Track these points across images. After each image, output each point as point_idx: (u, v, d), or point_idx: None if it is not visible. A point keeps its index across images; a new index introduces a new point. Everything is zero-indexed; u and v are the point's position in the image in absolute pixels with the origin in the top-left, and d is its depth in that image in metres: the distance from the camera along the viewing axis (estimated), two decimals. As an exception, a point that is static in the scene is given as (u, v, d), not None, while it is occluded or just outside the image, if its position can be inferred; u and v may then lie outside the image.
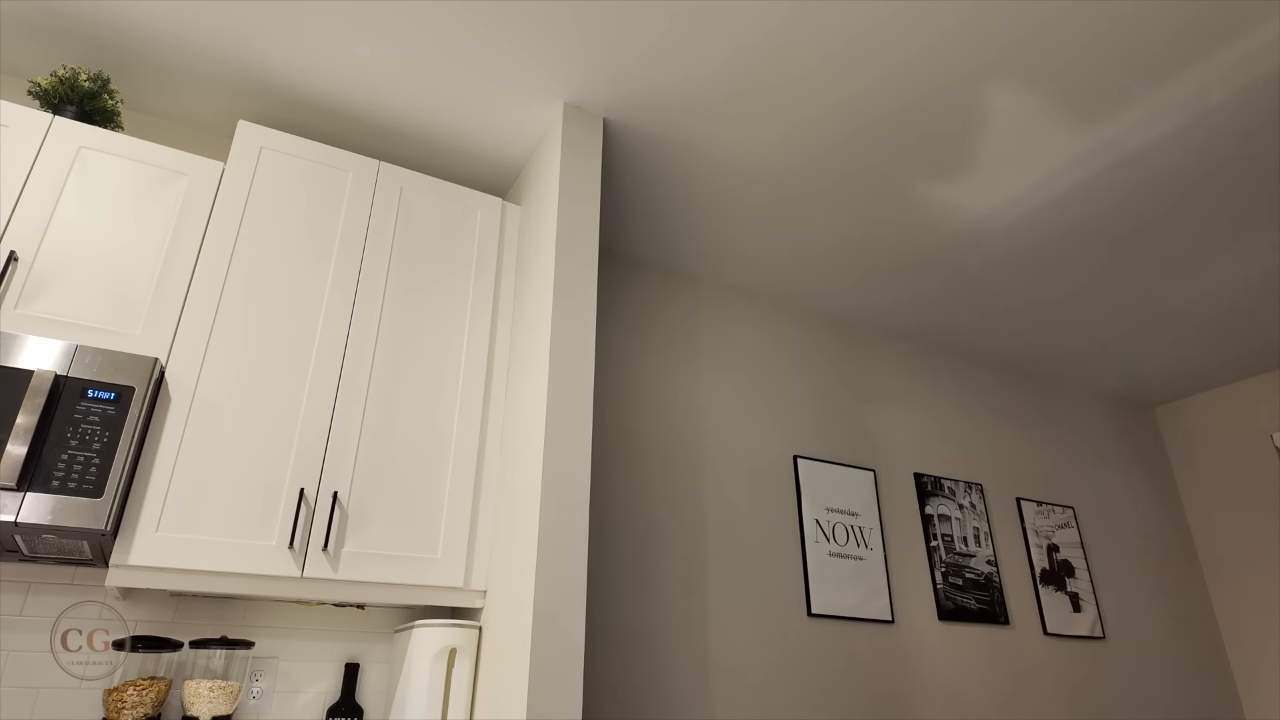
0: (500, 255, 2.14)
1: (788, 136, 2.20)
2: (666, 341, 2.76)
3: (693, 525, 2.51)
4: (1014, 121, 2.13)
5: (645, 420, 2.58)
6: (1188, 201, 2.45)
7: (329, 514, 1.68)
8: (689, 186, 2.43)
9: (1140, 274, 2.87)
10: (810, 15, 1.81)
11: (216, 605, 1.83)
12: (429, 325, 1.97)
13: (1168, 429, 4.03)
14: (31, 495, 1.38)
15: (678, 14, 1.81)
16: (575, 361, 1.82)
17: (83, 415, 1.47)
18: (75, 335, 1.59)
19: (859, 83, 2.00)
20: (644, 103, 2.09)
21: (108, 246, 1.70)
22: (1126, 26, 1.82)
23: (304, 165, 1.97)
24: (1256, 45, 1.87)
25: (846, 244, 2.73)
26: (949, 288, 3.00)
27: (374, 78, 2.04)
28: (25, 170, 1.67)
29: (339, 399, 1.79)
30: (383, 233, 2.00)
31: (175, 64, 2.01)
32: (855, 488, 2.88)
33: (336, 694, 1.88)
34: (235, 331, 1.74)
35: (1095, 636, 3.18)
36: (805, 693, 2.44)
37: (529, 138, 2.24)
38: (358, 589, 1.70)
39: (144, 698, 1.59)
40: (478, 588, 1.80)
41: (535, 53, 1.94)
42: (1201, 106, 2.06)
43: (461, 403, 1.94)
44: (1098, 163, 2.28)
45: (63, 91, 1.82)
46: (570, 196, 1.99)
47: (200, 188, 1.83)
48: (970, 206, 2.51)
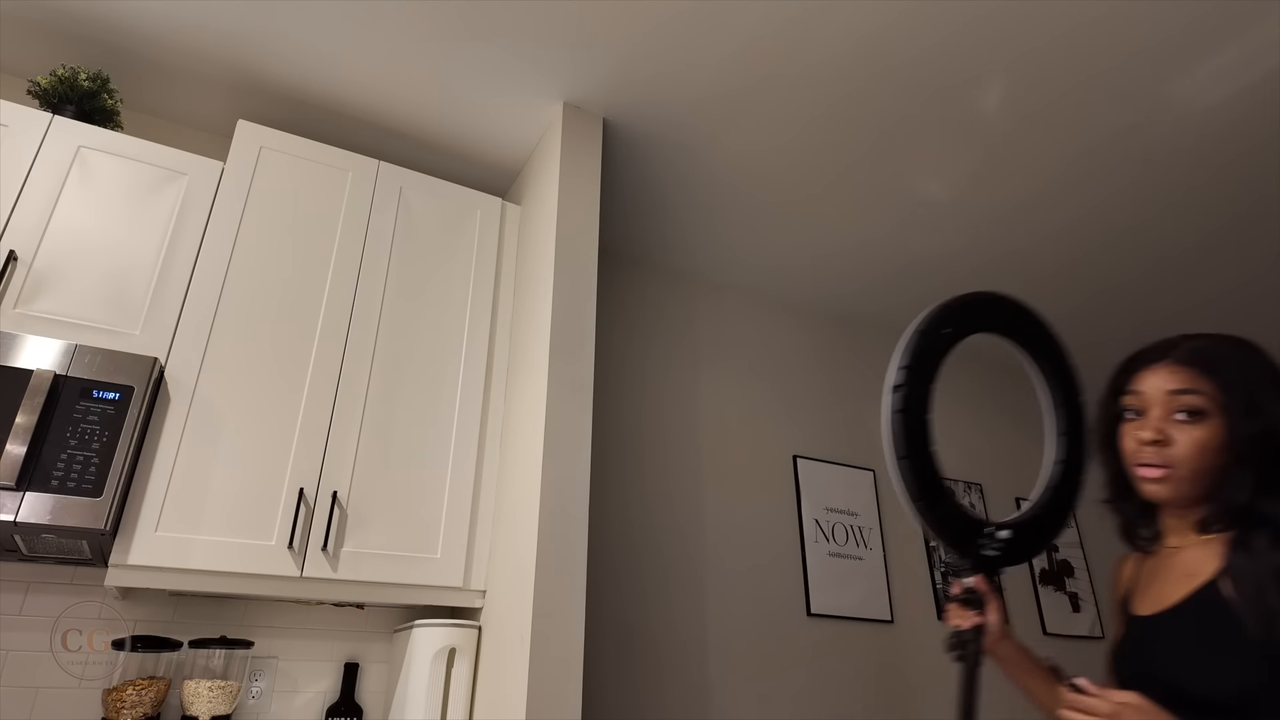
0: (500, 255, 2.14)
1: (788, 136, 2.20)
2: (666, 341, 2.76)
3: (692, 525, 2.51)
4: (1015, 122, 2.13)
5: (645, 420, 2.58)
6: (1188, 202, 2.45)
7: (328, 514, 1.68)
8: (689, 186, 2.43)
9: (1140, 275, 2.87)
10: (812, 15, 1.81)
11: (216, 605, 1.83)
12: (429, 325, 1.97)
13: (1167, 429, 4.02)
14: (31, 495, 1.38)
15: (678, 14, 1.81)
16: (575, 361, 1.82)
17: (82, 415, 1.47)
18: (74, 335, 1.59)
19: (859, 83, 2.00)
20: (644, 102, 2.09)
21: (107, 246, 1.69)
22: (1127, 26, 1.82)
23: (304, 165, 1.97)
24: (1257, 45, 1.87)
25: (846, 244, 2.73)
26: (949, 288, 2.98)
27: (374, 77, 2.03)
28: (25, 170, 1.67)
29: (338, 398, 1.79)
30: (382, 232, 1.99)
31: (175, 64, 2.01)
32: (855, 488, 2.88)
33: (336, 694, 1.88)
34: (235, 331, 1.74)
35: (1095, 636, 3.18)
36: (805, 692, 2.44)
37: (529, 137, 2.24)
38: (357, 589, 1.70)
39: (143, 697, 1.59)
40: (477, 587, 1.80)
41: (535, 52, 1.94)
42: (1201, 106, 2.06)
43: (461, 402, 1.94)
44: (1099, 164, 2.28)
45: (62, 91, 1.81)
46: (570, 196, 1.99)
47: (200, 187, 1.83)
48: (973, 208, 2.50)
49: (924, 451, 1.05)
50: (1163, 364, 1.02)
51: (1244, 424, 0.92)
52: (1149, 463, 0.98)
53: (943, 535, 1.06)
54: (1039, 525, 1.14)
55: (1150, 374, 1.02)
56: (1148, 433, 0.98)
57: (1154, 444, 0.97)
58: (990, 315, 1.22)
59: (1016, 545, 1.09)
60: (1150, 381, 1.01)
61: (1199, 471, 0.95)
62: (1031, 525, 1.13)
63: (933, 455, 1.06)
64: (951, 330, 1.13)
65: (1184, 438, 0.96)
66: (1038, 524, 1.14)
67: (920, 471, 1.05)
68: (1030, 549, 1.12)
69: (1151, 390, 1.01)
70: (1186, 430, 0.96)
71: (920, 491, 1.04)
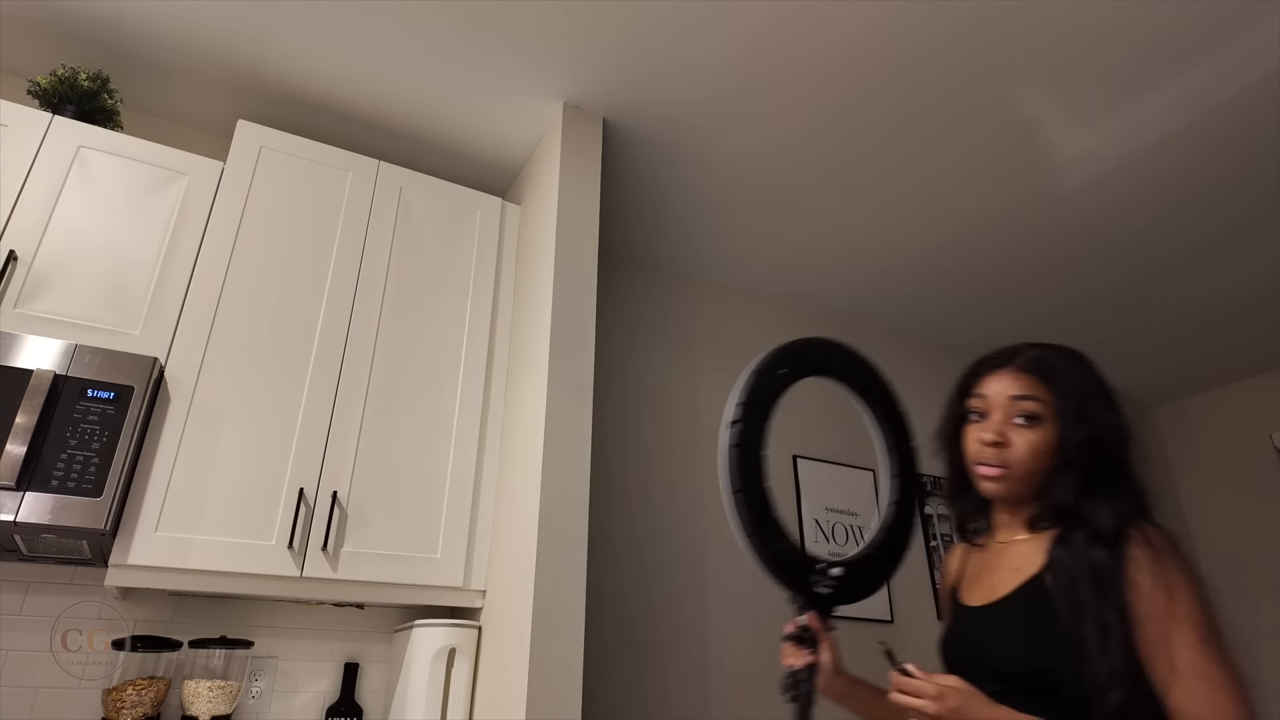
0: (500, 255, 2.14)
1: (788, 136, 2.20)
2: (666, 341, 2.76)
3: (692, 524, 2.50)
4: (1016, 122, 2.13)
5: (645, 420, 2.58)
6: (1188, 202, 2.45)
7: (328, 513, 1.68)
8: (689, 186, 2.43)
9: (1140, 274, 2.86)
10: (812, 14, 1.80)
11: (216, 605, 1.83)
12: (429, 325, 1.97)
13: (1168, 429, 4.03)
14: (31, 495, 1.38)
15: (678, 13, 1.81)
16: (575, 361, 1.82)
17: (82, 415, 1.47)
18: (74, 335, 1.59)
19: (859, 82, 2.00)
20: (644, 102, 2.09)
21: (107, 246, 1.69)
22: (1127, 26, 1.82)
23: (303, 165, 1.97)
24: (1257, 45, 1.87)
25: (846, 243, 2.73)
26: (949, 288, 3.00)
27: (373, 77, 2.03)
28: (25, 169, 1.67)
29: (338, 398, 1.79)
30: (382, 232, 1.99)
31: (175, 64, 2.01)
32: (855, 488, 2.88)
33: (336, 694, 1.88)
34: (235, 331, 1.74)
35: (1095, 636, 3.18)
36: (805, 693, 2.44)
37: (528, 137, 2.24)
38: (357, 589, 1.70)
39: (143, 697, 1.59)
40: (477, 587, 1.80)
41: (535, 52, 1.94)
42: (1202, 106, 2.06)
43: (461, 402, 1.94)
44: (1098, 164, 2.28)
45: (62, 91, 1.81)
46: (570, 196, 1.99)
47: (200, 187, 1.83)
48: (972, 207, 2.50)
49: (758, 487, 1.07)
50: (1006, 370, 1.07)
51: (1074, 430, 0.99)
52: (988, 462, 1.04)
53: (775, 572, 1.06)
54: (874, 563, 1.17)
55: (994, 379, 1.08)
56: (989, 434, 1.04)
57: (994, 445, 1.03)
58: (825, 360, 1.24)
59: (850, 583, 1.11)
60: (994, 386, 1.07)
61: (1032, 473, 1.01)
62: (866, 563, 1.15)
63: (767, 491, 1.08)
64: (787, 371, 1.17)
65: (1021, 440, 1.02)
66: (872, 562, 1.16)
67: (754, 506, 1.06)
68: (864, 587, 1.14)
69: (994, 394, 1.07)
70: (1024, 434, 1.02)
71: (755, 527, 1.05)
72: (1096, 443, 0.99)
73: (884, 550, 1.18)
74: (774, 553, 1.06)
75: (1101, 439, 0.99)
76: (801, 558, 1.09)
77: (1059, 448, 1.00)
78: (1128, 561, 0.91)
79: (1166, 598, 0.87)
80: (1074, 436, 0.99)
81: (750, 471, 1.08)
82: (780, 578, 1.07)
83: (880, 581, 1.17)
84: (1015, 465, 1.02)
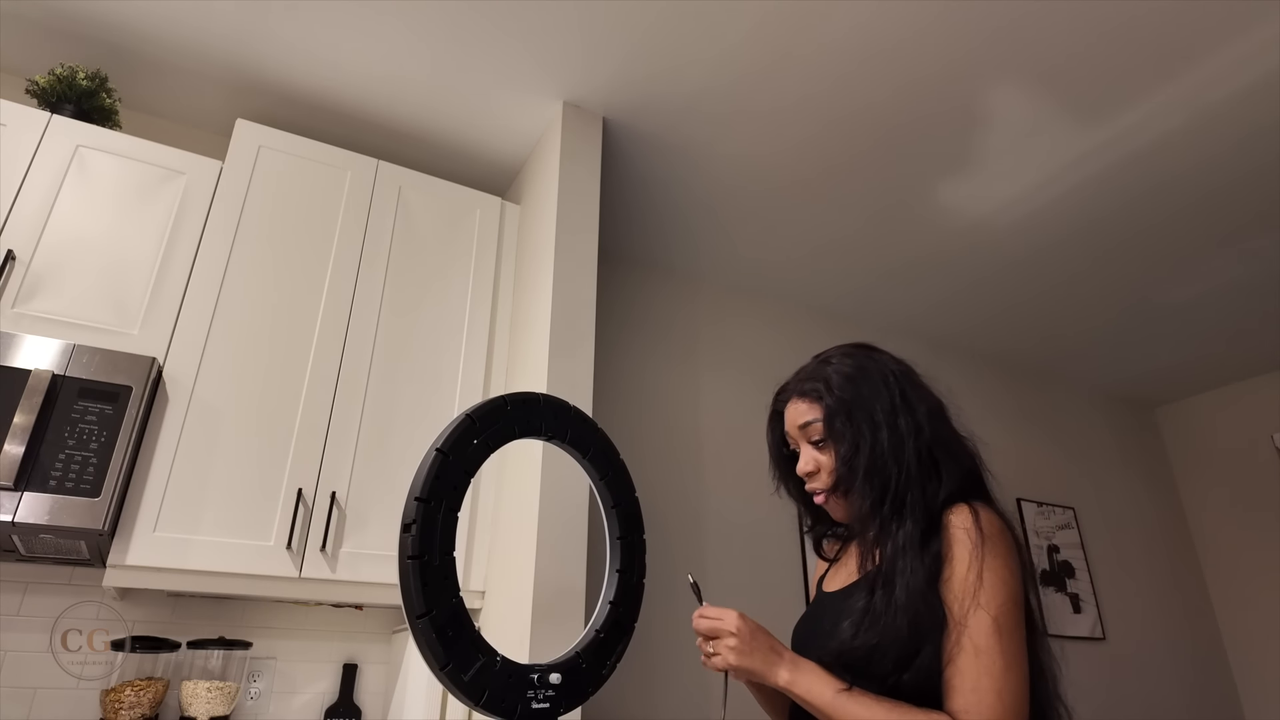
0: (499, 255, 2.14)
1: (788, 136, 2.20)
2: (666, 341, 2.75)
3: (692, 524, 2.50)
4: (1016, 122, 2.12)
5: (645, 420, 2.57)
6: (1189, 202, 2.44)
7: (327, 514, 1.68)
8: (689, 186, 2.42)
9: (1141, 274, 2.86)
10: (811, 15, 1.80)
11: (214, 605, 1.82)
12: (428, 325, 1.97)
13: (1168, 429, 4.02)
14: (29, 495, 1.37)
15: (678, 13, 1.81)
16: (575, 361, 1.81)
17: (80, 415, 1.46)
18: (73, 335, 1.58)
19: (859, 82, 1.99)
20: (644, 102, 2.08)
21: (105, 245, 1.69)
22: (1127, 26, 1.81)
23: (302, 164, 1.96)
24: (1257, 45, 1.87)
25: (846, 244, 2.73)
26: (949, 288, 2.99)
27: (373, 76, 2.03)
28: (23, 169, 1.67)
29: (337, 399, 1.79)
30: (381, 232, 1.99)
31: (173, 63, 2.00)
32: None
33: (335, 695, 1.87)
34: (233, 331, 1.74)
35: (1095, 637, 3.18)
36: (805, 693, 2.44)
37: (528, 137, 2.23)
38: (356, 589, 1.69)
39: (141, 698, 1.58)
40: (476, 588, 1.80)
41: (534, 51, 1.93)
42: (1202, 106, 2.05)
43: (460, 402, 1.93)
44: (1099, 163, 2.28)
45: (61, 90, 1.81)
46: (570, 196, 1.98)
47: (198, 186, 1.83)
48: (972, 207, 2.50)
49: (449, 603, 0.89)
50: (791, 398, 1.08)
51: (847, 442, 0.98)
52: (814, 490, 1.06)
53: (485, 705, 0.90)
54: (600, 648, 1.03)
55: (789, 408, 1.09)
56: (801, 465, 1.06)
57: (810, 474, 1.05)
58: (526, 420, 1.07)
59: (571, 687, 0.98)
60: (789, 416, 1.08)
61: (850, 488, 0.99)
62: (591, 652, 1.03)
63: (458, 604, 0.90)
64: (482, 441, 1.00)
65: (825, 462, 1.03)
66: (598, 647, 1.03)
67: (444, 630, 0.86)
68: (589, 682, 1.02)
69: (789, 426, 1.08)
70: (821, 457, 1.03)
71: (446, 656, 0.87)
72: (892, 441, 0.97)
73: (610, 627, 1.06)
74: (477, 682, 0.89)
75: (895, 435, 0.97)
76: (512, 675, 0.93)
77: (844, 461, 0.99)
78: (949, 543, 0.91)
79: (976, 580, 0.88)
80: (849, 449, 0.98)
81: (435, 586, 0.88)
82: (491, 709, 0.91)
83: (611, 667, 1.05)
84: (831, 486, 1.02)
